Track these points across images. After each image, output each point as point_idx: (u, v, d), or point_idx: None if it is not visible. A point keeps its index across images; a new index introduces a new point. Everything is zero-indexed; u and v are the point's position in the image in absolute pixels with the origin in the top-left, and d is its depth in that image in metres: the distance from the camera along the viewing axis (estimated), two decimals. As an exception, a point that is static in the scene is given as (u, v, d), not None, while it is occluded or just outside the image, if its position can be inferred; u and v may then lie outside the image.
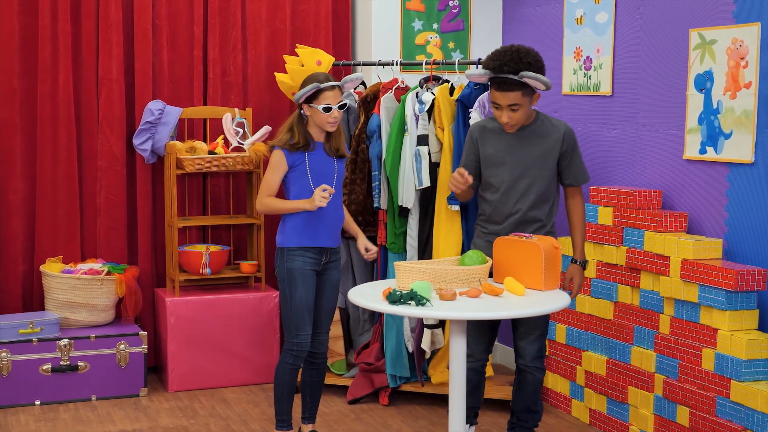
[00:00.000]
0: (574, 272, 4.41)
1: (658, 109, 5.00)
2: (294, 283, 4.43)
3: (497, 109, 4.19)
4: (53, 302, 5.57)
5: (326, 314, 4.61)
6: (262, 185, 4.46)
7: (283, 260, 4.46)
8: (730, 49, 4.49)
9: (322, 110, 4.36)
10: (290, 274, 4.44)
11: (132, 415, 5.29)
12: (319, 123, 4.42)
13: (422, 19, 6.12)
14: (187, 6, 5.98)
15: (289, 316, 4.46)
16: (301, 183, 4.43)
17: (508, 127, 4.23)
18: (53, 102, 5.73)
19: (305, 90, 4.36)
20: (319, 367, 4.67)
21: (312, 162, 4.43)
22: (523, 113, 4.18)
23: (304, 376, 4.70)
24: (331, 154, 4.48)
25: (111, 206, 5.86)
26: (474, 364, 4.42)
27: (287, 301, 4.45)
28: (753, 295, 4.30)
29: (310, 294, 4.46)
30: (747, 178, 4.45)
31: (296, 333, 4.45)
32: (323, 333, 4.62)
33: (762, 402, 4.06)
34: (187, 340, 5.68)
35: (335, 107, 4.38)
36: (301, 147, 4.40)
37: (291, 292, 4.44)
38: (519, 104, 4.14)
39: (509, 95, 4.12)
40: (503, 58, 4.12)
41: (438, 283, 4.03)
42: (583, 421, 5.20)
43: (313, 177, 4.43)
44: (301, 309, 4.44)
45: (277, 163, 4.42)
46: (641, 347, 4.79)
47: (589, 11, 5.44)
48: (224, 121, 5.81)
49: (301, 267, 4.43)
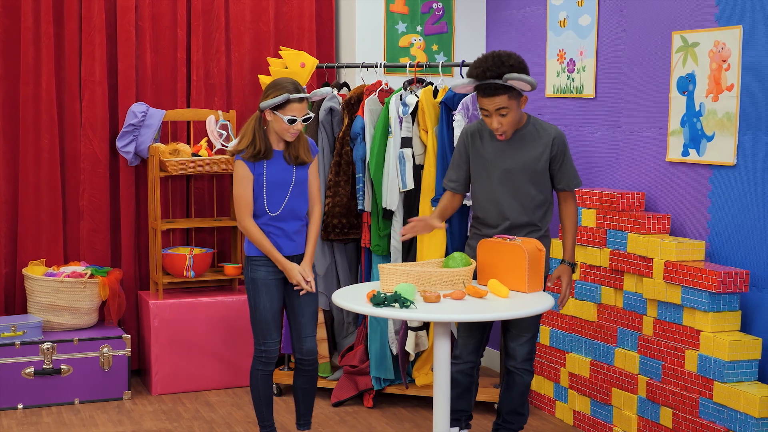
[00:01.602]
0: (562, 271, 4.37)
1: (640, 111, 5.02)
2: (257, 293, 4.42)
3: (487, 116, 4.18)
4: (36, 305, 5.54)
5: (307, 318, 4.53)
6: (237, 201, 4.37)
7: (248, 269, 4.45)
8: (712, 52, 4.51)
9: (287, 121, 4.28)
10: (254, 284, 4.43)
11: (115, 419, 5.27)
12: (279, 132, 4.33)
13: (406, 22, 6.13)
14: (170, 8, 5.97)
15: (255, 324, 4.46)
16: (255, 193, 4.36)
17: (500, 134, 4.22)
18: (36, 104, 5.70)
19: (275, 100, 4.25)
20: (308, 373, 4.59)
21: (269, 172, 4.36)
22: (512, 117, 4.18)
23: (295, 383, 4.64)
24: (291, 162, 4.40)
25: (94, 209, 5.84)
26: (461, 366, 4.42)
27: (253, 310, 4.46)
28: (735, 296, 4.32)
29: (274, 303, 4.44)
30: (729, 180, 4.47)
31: (263, 341, 4.46)
32: (308, 337, 4.54)
33: (745, 403, 4.08)
34: (170, 342, 5.66)
35: (300, 119, 4.30)
36: (262, 155, 4.32)
37: (255, 302, 4.44)
38: (507, 107, 4.14)
39: (495, 100, 4.12)
40: (485, 64, 4.12)
41: (422, 286, 4.03)
42: (567, 422, 5.21)
43: (268, 188, 4.35)
44: (266, 318, 4.43)
45: (243, 177, 4.34)
46: (624, 349, 4.80)
47: (572, 14, 5.46)
48: (208, 123, 5.80)
49: (264, 277, 4.41)
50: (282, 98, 4.25)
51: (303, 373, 4.59)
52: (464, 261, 4.14)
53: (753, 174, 4.34)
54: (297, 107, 4.29)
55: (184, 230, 6.14)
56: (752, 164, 4.34)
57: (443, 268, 4.11)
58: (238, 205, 4.37)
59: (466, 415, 4.57)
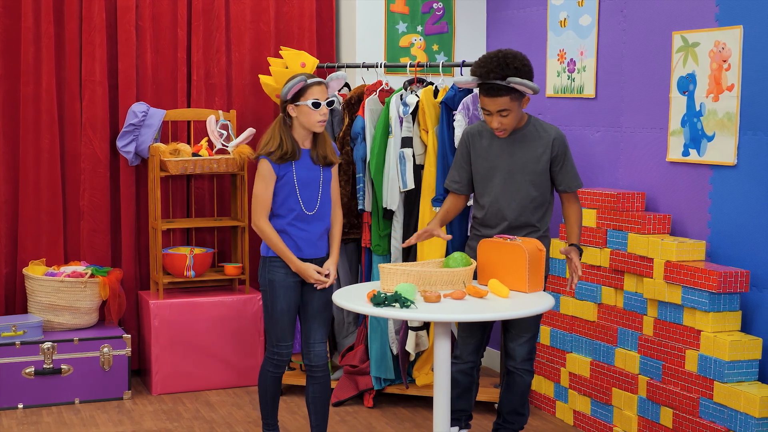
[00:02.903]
0: (571, 250, 4.22)
1: (641, 111, 5.02)
2: (275, 295, 4.35)
3: (488, 115, 4.18)
4: (36, 305, 5.54)
5: (318, 323, 4.45)
6: (256, 200, 4.29)
7: (266, 270, 4.37)
8: (712, 52, 4.51)
9: (311, 105, 4.19)
10: (272, 286, 4.35)
11: (116, 419, 5.27)
12: (307, 124, 4.25)
13: (406, 22, 6.13)
14: (171, 8, 5.97)
15: (270, 327, 4.39)
16: (286, 192, 4.30)
17: (500, 132, 4.23)
18: (36, 104, 5.70)
19: (292, 83, 4.18)
20: (320, 380, 4.44)
21: (299, 172, 4.29)
22: (513, 118, 4.18)
23: (307, 392, 4.49)
24: (318, 162, 4.34)
25: (94, 209, 5.84)
26: (461, 366, 4.41)
27: (268, 312, 4.38)
28: (736, 296, 4.32)
29: (291, 305, 4.38)
30: (730, 180, 4.47)
31: (277, 343, 4.39)
32: (318, 343, 4.44)
33: (745, 403, 4.08)
34: (170, 342, 5.66)
35: (323, 103, 4.23)
36: (289, 156, 4.24)
37: (273, 304, 4.36)
38: (508, 109, 4.13)
39: (497, 101, 4.11)
40: (490, 65, 4.10)
41: (422, 286, 4.03)
42: (567, 422, 5.21)
43: (300, 188, 4.30)
44: (283, 321, 4.37)
45: (266, 175, 4.26)
46: (625, 349, 4.80)
47: (573, 14, 5.46)
48: (208, 123, 5.80)
49: (282, 279, 4.34)
50: (298, 81, 4.18)
51: (314, 381, 4.46)
52: (464, 261, 4.14)
53: (753, 174, 4.34)
54: (317, 90, 4.22)
55: (185, 230, 6.14)
56: (753, 164, 4.34)
57: (444, 268, 4.11)
58: (255, 203, 4.29)
59: (466, 415, 4.58)
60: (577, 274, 4.19)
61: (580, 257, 4.23)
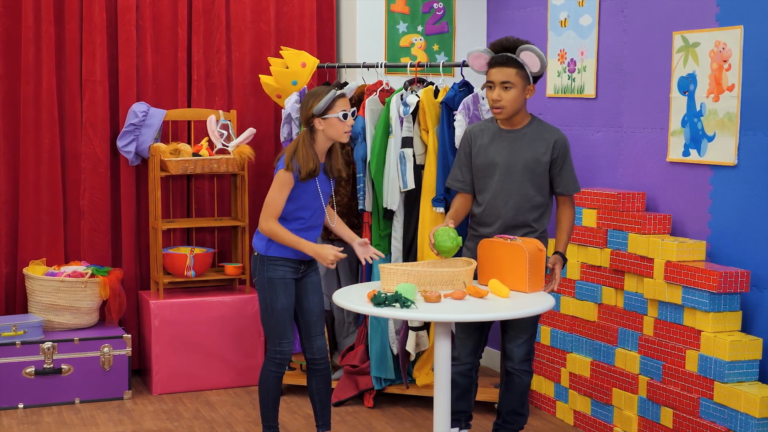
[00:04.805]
0: (557, 261, 4.31)
1: (641, 111, 5.02)
2: (275, 292, 4.36)
3: (490, 89, 4.23)
4: (36, 305, 5.54)
5: (316, 317, 4.51)
6: (268, 204, 4.29)
7: (264, 268, 4.37)
8: (713, 52, 4.51)
9: (341, 116, 4.24)
10: (271, 283, 4.36)
11: (116, 418, 5.27)
12: (335, 135, 4.28)
13: (407, 22, 6.13)
14: (171, 8, 5.97)
15: (271, 325, 4.40)
16: (299, 204, 4.30)
17: (497, 110, 4.23)
18: (36, 104, 5.70)
19: (327, 98, 4.21)
20: (322, 373, 4.53)
21: (315, 187, 4.33)
22: (514, 95, 4.20)
23: (309, 386, 4.56)
24: (331, 175, 4.39)
25: (94, 208, 5.84)
26: (460, 367, 4.41)
27: (269, 310, 4.38)
28: (736, 296, 4.32)
29: (291, 302, 4.40)
30: (730, 180, 4.47)
31: (279, 341, 4.40)
32: (318, 337, 4.51)
33: (745, 403, 4.08)
34: (171, 342, 5.66)
35: (350, 113, 4.29)
36: (314, 174, 4.27)
37: (273, 302, 4.37)
38: (512, 83, 4.18)
39: (504, 70, 4.19)
40: (503, 39, 4.25)
41: (423, 285, 4.03)
42: (567, 422, 5.21)
43: (313, 202, 4.34)
44: (284, 318, 4.38)
45: (285, 184, 4.25)
46: (625, 349, 4.80)
47: (573, 14, 5.46)
48: (208, 123, 5.80)
49: (282, 276, 4.36)
50: (331, 95, 4.23)
51: (317, 374, 4.53)
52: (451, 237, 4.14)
53: (754, 174, 4.34)
54: (342, 102, 4.28)
55: (185, 230, 6.14)
56: (753, 164, 4.34)
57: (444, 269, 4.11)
58: (267, 207, 4.29)
59: (466, 415, 4.58)
60: (552, 287, 4.25)
61: (563, 267, 4.32)
